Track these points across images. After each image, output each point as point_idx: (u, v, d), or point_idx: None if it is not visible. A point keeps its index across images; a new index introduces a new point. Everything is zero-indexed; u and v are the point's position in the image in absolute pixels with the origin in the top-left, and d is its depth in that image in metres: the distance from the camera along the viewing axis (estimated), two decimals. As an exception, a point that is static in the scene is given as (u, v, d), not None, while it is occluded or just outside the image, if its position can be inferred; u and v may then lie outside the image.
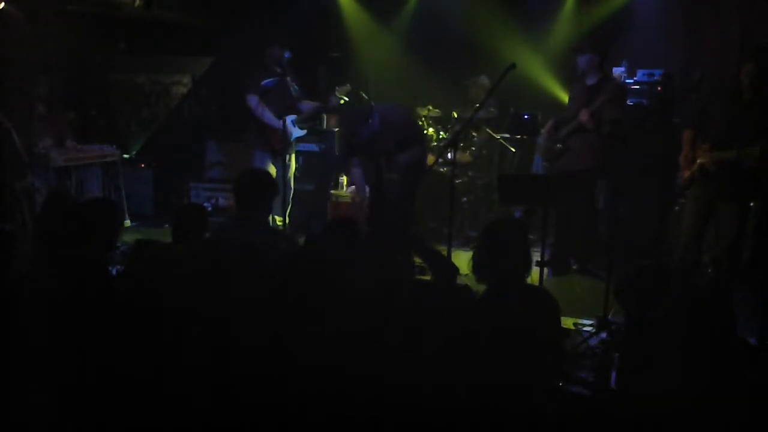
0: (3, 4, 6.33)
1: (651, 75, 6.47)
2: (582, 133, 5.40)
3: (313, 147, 7.30)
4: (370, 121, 5.01)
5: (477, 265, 2.90)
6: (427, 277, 4.94)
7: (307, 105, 6.29)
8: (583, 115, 5.25)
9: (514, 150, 7.18)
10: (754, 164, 4.28)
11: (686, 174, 4.66)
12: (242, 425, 2.51)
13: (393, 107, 5.29)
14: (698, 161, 4.57)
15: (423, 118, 7.04)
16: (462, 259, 3.43)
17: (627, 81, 6.50)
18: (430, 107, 7.10)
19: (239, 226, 3.85)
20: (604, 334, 4.18)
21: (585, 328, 4.34)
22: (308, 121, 6.44)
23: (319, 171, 7.27)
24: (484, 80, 7.00)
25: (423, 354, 2.56)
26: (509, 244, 2.86)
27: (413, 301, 2.88)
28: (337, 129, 7.13)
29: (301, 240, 4.28)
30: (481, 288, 2.94)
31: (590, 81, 5.43)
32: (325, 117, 7.51)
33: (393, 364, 2.50)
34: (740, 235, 4.57)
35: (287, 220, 6.07)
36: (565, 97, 6.29)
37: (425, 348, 2.58)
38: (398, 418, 2.38)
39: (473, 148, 7.10)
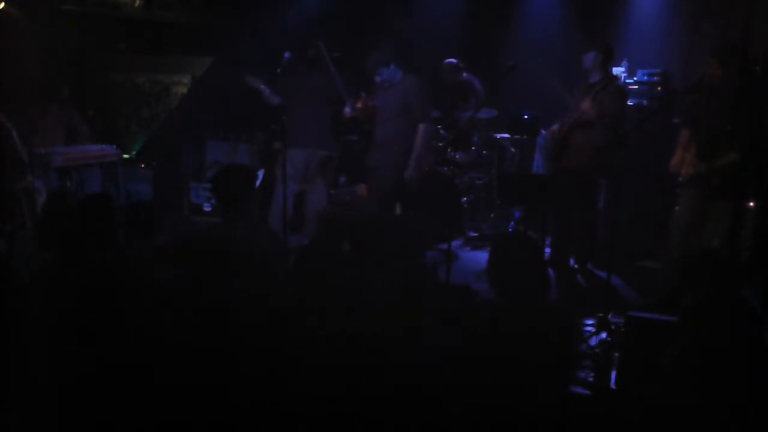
0: (3, 4, 6.33)
1: (651, 75, 6.47)
2: (583, 130, 5.40)
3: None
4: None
5: (492, 280, 2.83)
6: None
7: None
8: (585, 104, 5.24)
9: (514, 150, 7.18)
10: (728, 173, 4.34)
11: (684, 173, 4.70)
12: (238, 425, 2.51)
13: None
14: (686, 169, 4.62)
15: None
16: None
17: (627, 81, 6.50)
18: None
19: (225, 225, 3.83)
20: (604, 334, 4.18)
21: (585, 328, 4.33)
22: None
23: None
24: (450, 62, 7.05)
25: (428, 353, 2.57)
26: (521, 266, 2.78)
27: (425, 302, 2.87)
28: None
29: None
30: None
31: (593, 79, 5.44)
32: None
33: (398, 364, 2.50)
34: (735, 232, 4.59)
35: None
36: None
37: (431, 347, 2.58)
38: (401, 418, 2.39)
39: (473, 148, 7.11)
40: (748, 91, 4.38)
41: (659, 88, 6.40)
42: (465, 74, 7.06)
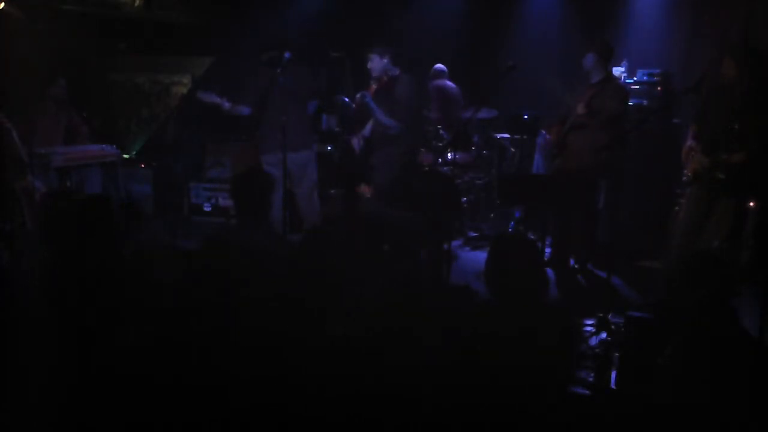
0: (3, 4, 6.33)
1: (651, 75, 6.48)
2: (582, 131, 5.40)
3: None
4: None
5: (489, 282, 2.82)
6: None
7: None
8: (580, 107, 5.26)
9: (514, 150, 7.18)
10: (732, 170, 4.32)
11: (689, 170, 4.69)
12: (239, 426, 2.51)
13: None
14: (692, 165, 4.60)
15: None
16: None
17: (627, 81, 6.51)
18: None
19: (240, 230, 3.83)
20: (604, 334, 4.18)
21: (585, 328, 4.34)
22: None
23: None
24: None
25: (428, 353, 2.56)
26: (520, 266, 2.77)
27: (424, 301, 2.87)
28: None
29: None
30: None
31: (593, 80, 5.45)
32: (324, 117, 7.50)
33: (397, 365, 2.50)
34: (735, 231, 4.58)
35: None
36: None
37: (431, 347, 2.58)
38: (401, 419, 2.39)
39: (473, 148, 7.11)
40: (760, 91, 4.37)
41: (659, 88, 6.41)
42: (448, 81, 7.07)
